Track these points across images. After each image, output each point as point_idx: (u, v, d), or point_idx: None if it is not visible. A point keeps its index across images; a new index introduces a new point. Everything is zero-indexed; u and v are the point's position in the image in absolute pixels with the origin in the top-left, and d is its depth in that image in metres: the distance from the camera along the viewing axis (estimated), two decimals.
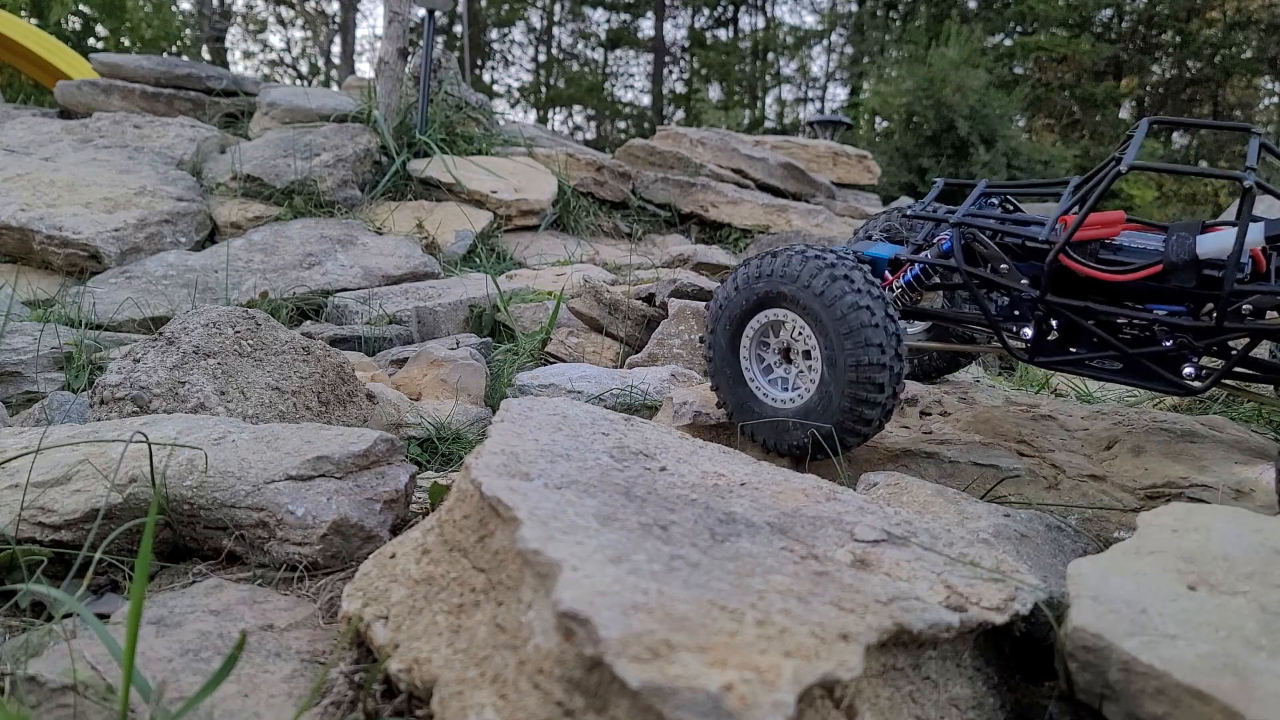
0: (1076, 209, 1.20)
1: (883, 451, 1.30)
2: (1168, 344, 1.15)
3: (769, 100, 26.64)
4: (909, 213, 1.44)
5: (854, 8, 23.62)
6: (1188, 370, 1.15)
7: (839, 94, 25.32)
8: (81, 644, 0.80)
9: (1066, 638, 0.72)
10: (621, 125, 27.04)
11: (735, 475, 0.97)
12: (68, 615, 0.89)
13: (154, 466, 1.06)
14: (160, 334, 1.53)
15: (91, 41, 14.49)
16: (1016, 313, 1.29)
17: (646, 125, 25.46)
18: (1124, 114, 19.40)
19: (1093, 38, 17.96)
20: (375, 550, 1.01)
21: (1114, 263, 1.18)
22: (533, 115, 26.97)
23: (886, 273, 1.41)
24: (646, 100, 27.08)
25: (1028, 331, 1.25)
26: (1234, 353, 1.15)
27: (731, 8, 26.37)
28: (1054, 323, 1.25)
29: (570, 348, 2.37)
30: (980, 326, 1.33)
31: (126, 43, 14.58)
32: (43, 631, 0.85)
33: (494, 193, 4.05)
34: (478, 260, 3.67)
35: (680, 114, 25.45)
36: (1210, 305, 1.15)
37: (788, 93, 26.55)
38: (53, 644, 0.82)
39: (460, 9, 10.29)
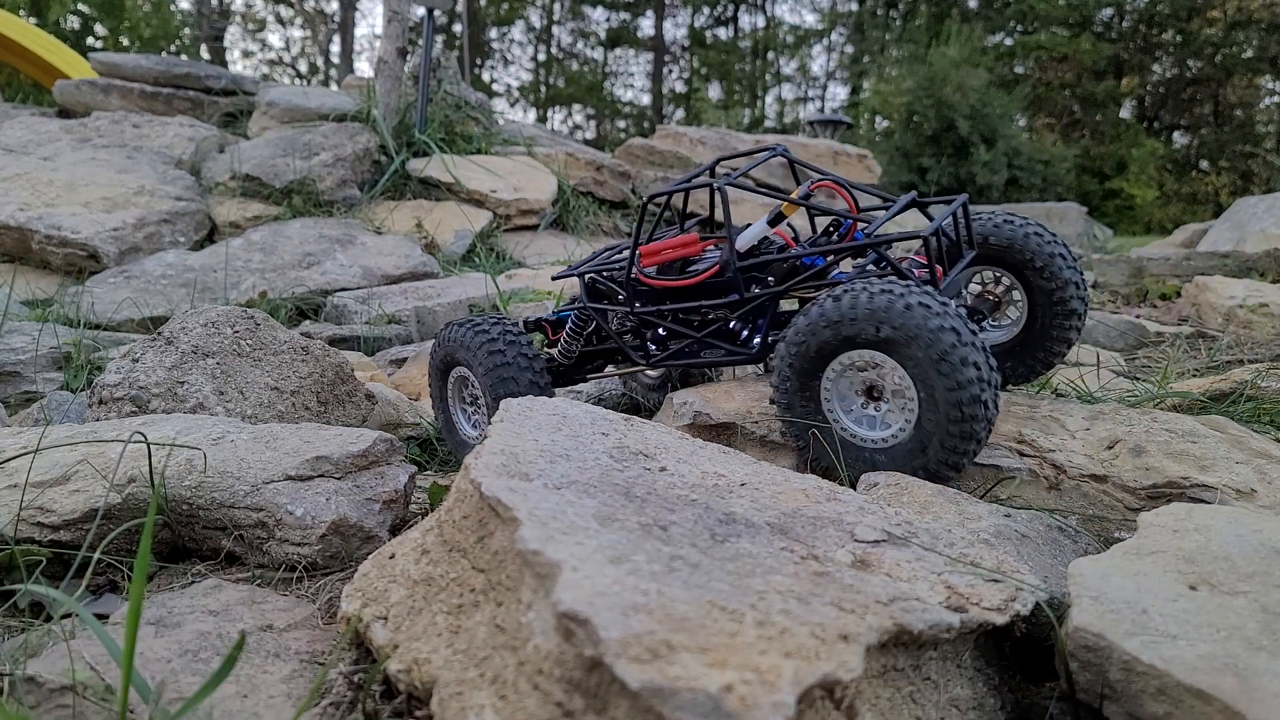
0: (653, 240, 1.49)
1: None
2: (733, 325, 1.40)
3: (769, 99, 26.65)
4: (568, 271, 1.65)
5: (854, 7, 23.63)
6: (747, 337, 1.40)
7: (839, 93, 25.34)
8: (80, 644, 0.80)
9: (1067, 637, 0.72)
10: (621, 124, 27.04)
11: (735, 475, 0.97)
12: (66, 615, 0.89)
13: (153, 466, 1.06)
14: (159, 334, 1.52)
15: (90, 41, 14.49)
16: (628, 330, 1.58)
17: (646, 124, 25.46)
18: (1125, 113, 19.41)
19: (1093, 37, 17.97)
20: (374, 550, 1.01)
21: (692, 274, 1.42)
22: (532, 114, 27.00)
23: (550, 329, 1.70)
24: (646, 99, 27.09)
25: (637, 341, 1.53)
26: (776, 317, 1.39)
27: (731, 7, 26.38)
28: (660, 330, 1.50)
29: None
30: (628, 349, 1.55)
31: (125, 42, 14.58)
32: (42, 632, 0.85)
33: (493, 192, 4.05)
34: (477, 260, 3.67)
35: (680, 113, 25.45)
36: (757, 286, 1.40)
37: (788, 92, 26.56)
38: (52, 644, 0.82)
39: (460, 8, 10.28)
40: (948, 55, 12.97)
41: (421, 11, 4.57)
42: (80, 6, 14.07)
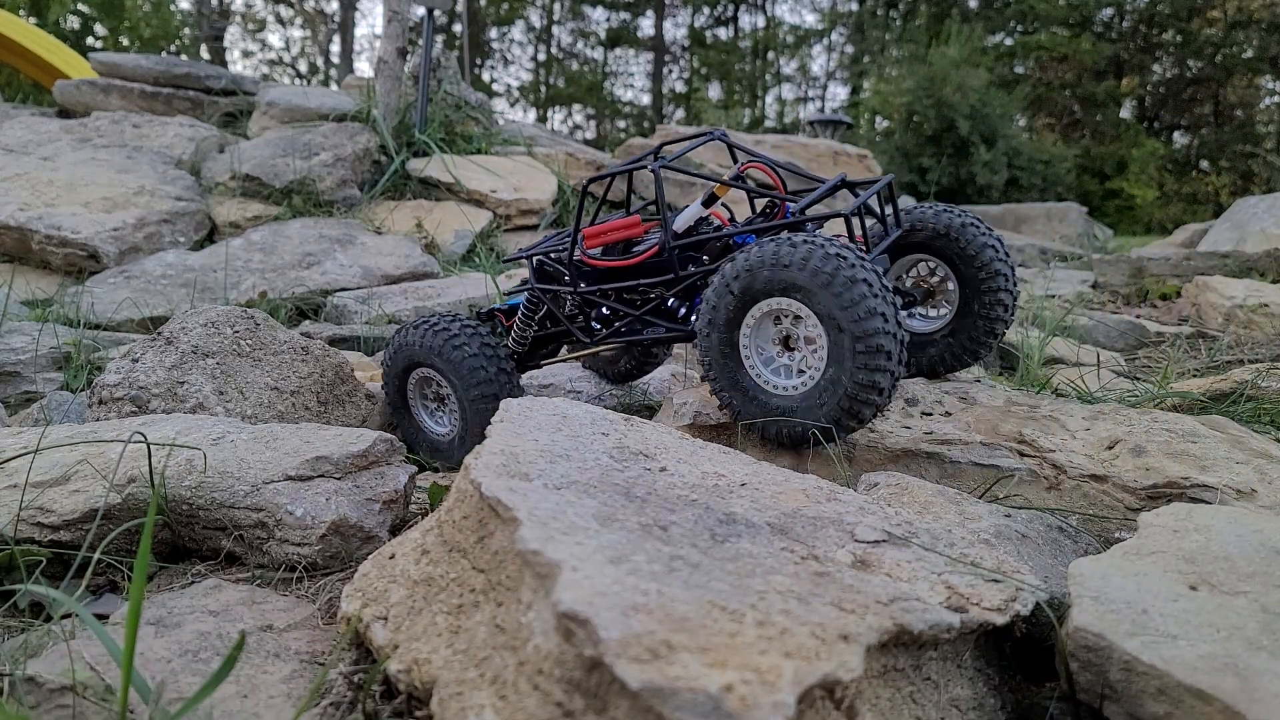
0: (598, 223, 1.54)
1: (883, 452, 1.30)
2: (671, 302, 1.46)
3: (769, 99, 26.64)
4: (517, 254, 1.69)
5: (854, 7, 23.63)
6: (684, 315, 1.45)
7: (839, 93, 25.34)
8: (80, 644, 0.80)
9: (1068, 638, 0.72)
10: (621, 124, 27.04)
11: (735, 475, 0.97)
12: (66, 616, 0.89)
13: (153, 467, 1.06)
14: (159, 334, 1.52)
15: (90, 40, 14.49)
16: (575, 311, 1.62)
17: (646, 124, 25.45)
18: (1125, 113, 19.41)
19: (1093, 37, 17.96)
20: (374, 551, 1.01)
21: (633, 254, 1.48)
22: (532, 114, 26.99)
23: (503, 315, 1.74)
24: (646, 99, 27.09)
25: (584, 321, 1.57)
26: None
27: (732, 6, 26.37)
28: (604, 310, 1.55)
29: None
30: (578, 330, 1.60)
31: (125, 42, 14.58)
32: (41, 632, 0.85)
33: (493, 192, 4.05)
34: (477, 260, 3.67)
35: (680, 113, 25.44)
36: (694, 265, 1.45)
37: (788, 92, 26.56)
38: (51, 644, 0.82)
39: (460, 8, 10.28)
40: (948, 55, 12.96)
41: (421, 11, 4.57)
42: (80, 6, 14.07)
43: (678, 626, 0.60)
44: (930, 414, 1.41)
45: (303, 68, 25.21)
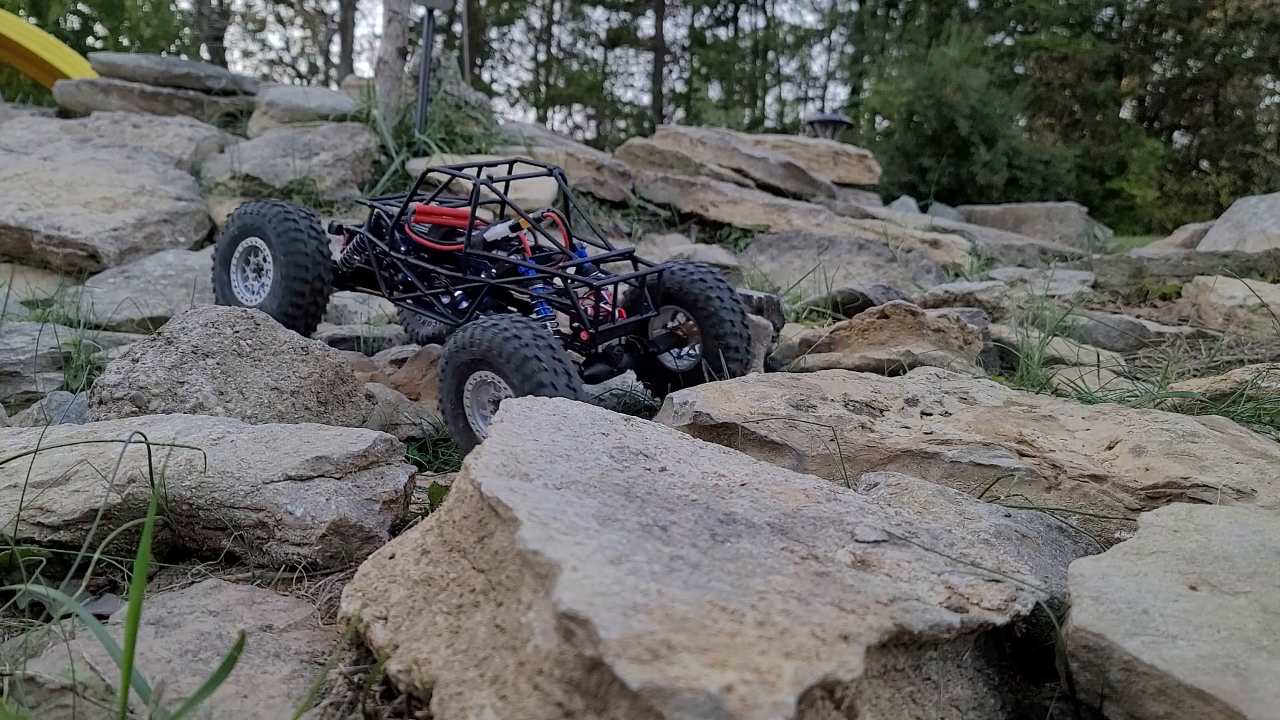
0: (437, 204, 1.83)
1: (883, 452, 1.30)
2: (458, 292, 1.69)
3: (769, 99, 26.64)
4: (365, 199, 1.94)
5: (854, 7, 23.62)
6: (462, 309, 1.69)
7: (839, 93, 25.34)
8: (80, 644, 0.80)
9: (1068, 637, 0.72)
10: (621, 124, 27.03)
11: (735, 475, 0.97)
12: (66, 616, 0.89)
13: (153, 467, 1.06)
14: (159, 334, 1.52)
15: (90, 40, 14.49)
16: (386, 265, 1.82)
17: (646, 124, 25.44)
18: (1125, 113, 19.40)
19: (1093, 37, 17.95)
20: (374, 551, 1.01)
21: (452, 241, 1.73)
22: (532, 114, 26.98)
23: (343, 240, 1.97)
24: (646, 99, 27.08)
25: (389, 276, 1.82)
26: (483, 298, 1.69)
27: (732, 7, 26.37)
28: (406, 276, 1.76)
29: None
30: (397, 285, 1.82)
31: (125, 42, 14.58)
32: (41, 632, 0.85)
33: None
34: None
35: (680, 113, 25.44)
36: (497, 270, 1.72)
37: (788, 92, 26.56)
38: (51, 644, 0.82)
39: (460, 8, 10.28)
40: (948, 55, 12.96)
41: (421, 11, 4.57)
42: (80, 6, 14.07)
43: (678, 626, 0.60)
44: (930, 414, 1.41)
45: (303, 68, 25.22)
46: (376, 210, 1.83)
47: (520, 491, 0.79)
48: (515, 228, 1.71)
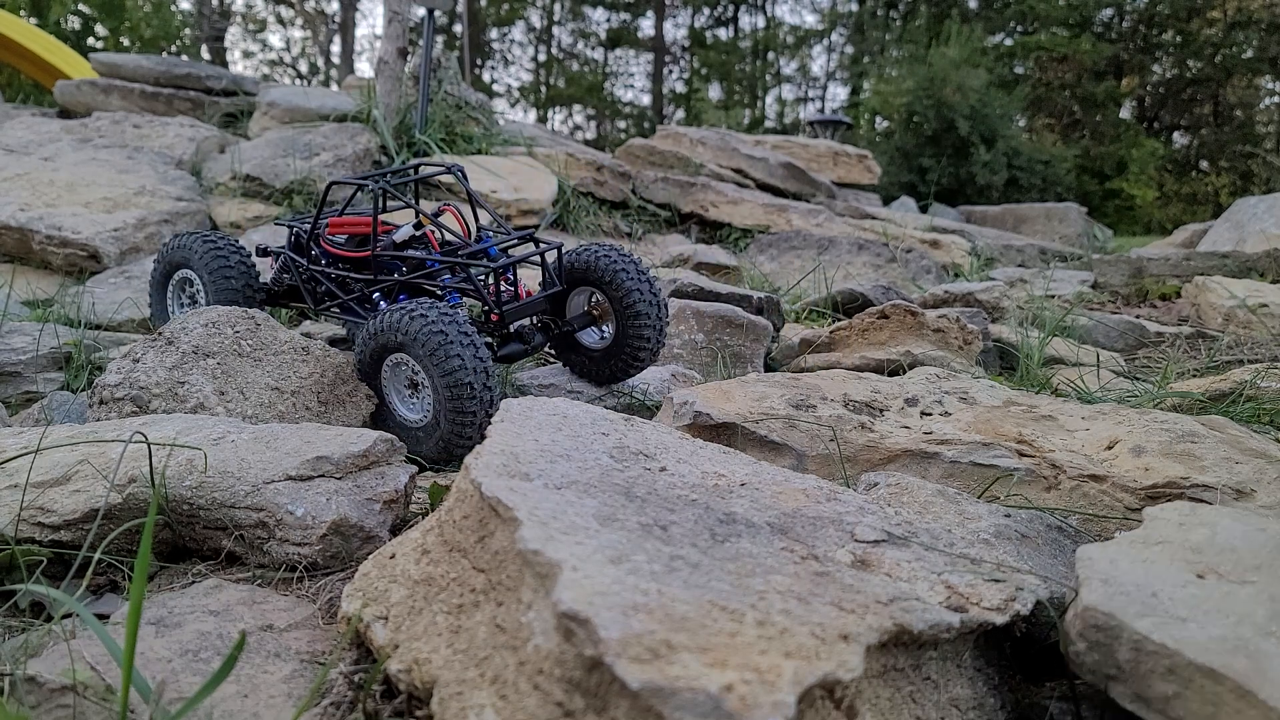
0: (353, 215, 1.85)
1: (883, 452, 1.30)
2: (375, 294, 1.72)
3: (769, 100, 26.64)
4: (282, 221, 1.99)
5: (854, 7, 23.61)
6: (383, 305, 1.71)
7: (839, 93, 25.34)
8: (81, 644, 0.80)
9: (1076, 618, 0.72)
10: (621, 125, 27.03)
11: (735, 475, 0.97)
12: (67, 615, 0.89)
13: (153, 467, 1.06)
14: (159, 334, 1.53)
15: (91, 41, 14.49)
16: (308, 279, 1.86)
17: (646, 125, 25.44)
18: (1125, 113, 19.40)
19: (1093, 37, 17.94)
20: (375, 550, 1.01)
21: (365, 247, 1.76)
22: (532, 115, 26.98)
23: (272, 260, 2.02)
24: (646, 100, 27.08)
25: (311, 289, 1.84)
26: (397, 295, 1.72)
27: (732, 7, 26.37)
28: (326, 287, 1.81)
29: None
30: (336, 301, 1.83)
31: (126, 42, 14.58)
32: (42, 632, 0.85)
33: (493, 192, 4.04)
34: None
35: (680, 113, 25.44)
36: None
37: (788, 92, 26.55)
38: (52, 644, 0.82)
39: (460, 8, 10.29)
40: (948, 55, 12.95)
41: (422, 12, 4.57)
42: (81, 7, 14.07)
43: (678, 626, 0.60)
44: (930, 414, 1.41)
45: (303, 68, 25.22)
46: (295, 229, 1.90)
47: (520, 491, 0.79)
48: (419, 226, 1.77)
